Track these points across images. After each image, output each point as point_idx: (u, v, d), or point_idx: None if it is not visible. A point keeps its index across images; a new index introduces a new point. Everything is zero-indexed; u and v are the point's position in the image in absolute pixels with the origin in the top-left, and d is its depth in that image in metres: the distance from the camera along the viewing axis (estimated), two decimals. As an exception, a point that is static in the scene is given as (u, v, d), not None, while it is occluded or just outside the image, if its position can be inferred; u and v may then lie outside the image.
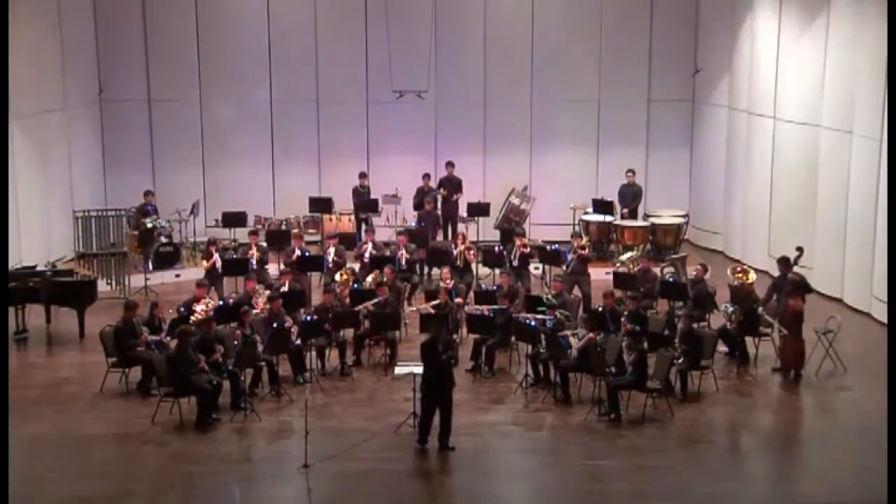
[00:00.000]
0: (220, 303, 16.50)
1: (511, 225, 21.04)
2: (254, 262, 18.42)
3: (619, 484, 12.78)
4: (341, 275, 17.65)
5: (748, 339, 16.24)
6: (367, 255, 18.66)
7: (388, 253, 18.90)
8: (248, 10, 22.73)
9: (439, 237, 21.35)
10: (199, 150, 23.06)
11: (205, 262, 18.30)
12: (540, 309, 15.98)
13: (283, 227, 20.78)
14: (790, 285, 15.96)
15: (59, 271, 18.02)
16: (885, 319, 17.25)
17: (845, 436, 14.01)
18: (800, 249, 16.62)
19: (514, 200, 21.50)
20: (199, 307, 15.74)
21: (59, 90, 21.07)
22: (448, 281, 17.08)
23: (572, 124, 22.92)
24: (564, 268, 18.42)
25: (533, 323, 15.45)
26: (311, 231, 21.56)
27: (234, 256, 19.20)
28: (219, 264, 18.21)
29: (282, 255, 19.17)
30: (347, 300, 16.63)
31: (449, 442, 13.23)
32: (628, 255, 19.80)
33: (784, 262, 16.34)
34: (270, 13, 22.66)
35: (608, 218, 21.14)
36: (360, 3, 22.59)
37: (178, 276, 20.17)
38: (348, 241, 19.74)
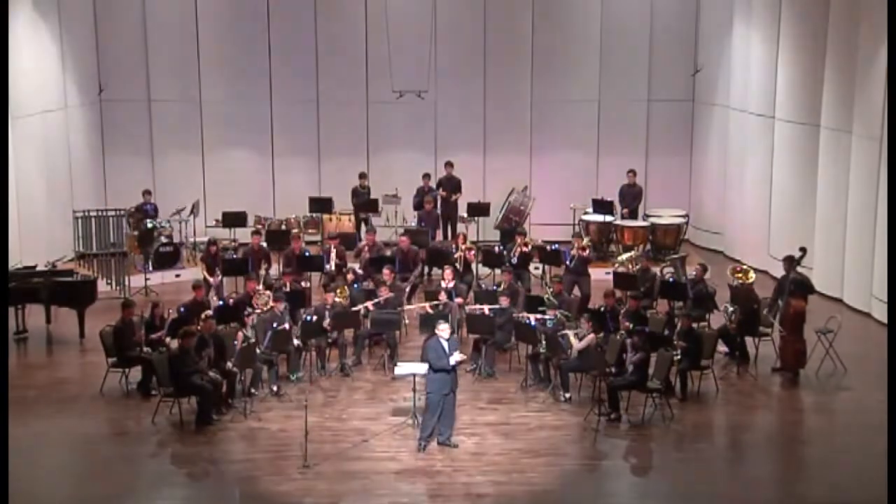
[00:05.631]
0: (220, 303, 16.52)
1: (511, 225, 21.06)
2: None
3: (619, 484, 12.79)
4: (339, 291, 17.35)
5: (748, 339, 16.25)
6: (366, 256, 18.65)
7: (388, 253, 18.92)
8: (248, 10, 22.72)
9: (438, 237, 21.37)
10: (199, 151, 23.07)
11: (209, 275, 18.21)
12: (540, 309, 15.99)
13: (283, 227, 20.80)
14: (793, 285, 15.96)
15: (59, 271, 18.02)
16: (885, 319, 17.26)
17: (845, 436, 14.02)
18: (803, 250, 16.61)
19: (514, 200, 21.51)
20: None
21: (59, 90, 21.08)
22: (450, 281, 17.09)
23: (572, 124, 22.93)
24: (565, 268, 18.43)
25: (533, 323, 15.46)
26: (311, 231, 21.58)
27: (235, 256, 19.20)
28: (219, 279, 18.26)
29: (282, 255, 19.17)
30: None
31: (450, 439, 13.31)
32: (628, 255, 19.80)
33: (789, 261, 16.33)
34: (270, 13, 22.67)
35: (608, 218, 21.14)
36: (360, 3, 22.60)
37: (178, 276, 20.17)
38: (348, 241, 19.77)
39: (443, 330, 13.30)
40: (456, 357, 13.22)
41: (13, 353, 16.64)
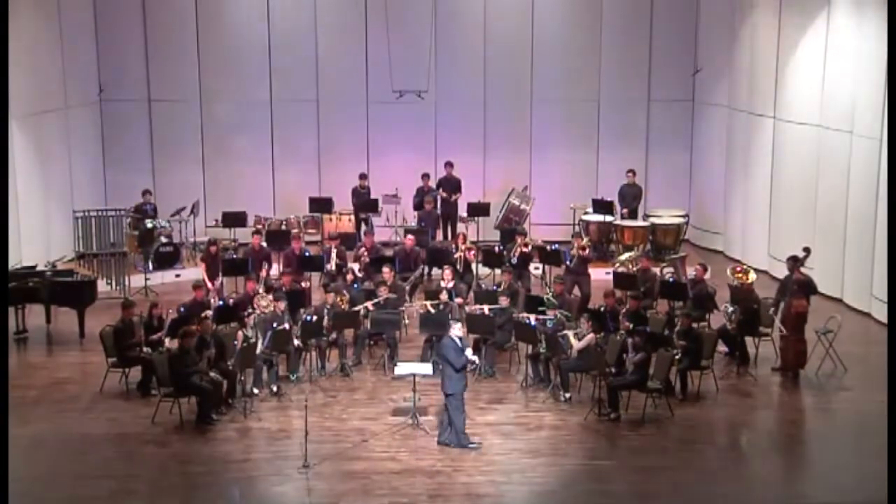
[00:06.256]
0: (220, 303, 16.52)
1: (511, 225, 21.06)
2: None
3: (619, 484, 12.78)
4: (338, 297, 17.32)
5: (748, 339, 16.25)
6: (364, 260, 18.63)
7: (390, 253, 18.92)
8: (248, 10, 22.74)
9: (439, 237, 21.38)
10: (199, 150, 23.07)
11: (208, 280, 18.17)
12: (540, 309, 15.99)
13: (283, 227, 20.80)
14: (795, 285, 15.96)
15: (59, 271, 18.02)
16: (885, 319, 17.26)
17: (845, 436, 14.03)
18: (807, 250, 16.60)
19: (514, 200, 21.51)
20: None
21: (59, 90, 21.07)
22: (450, 281, 17.09)
23: (572, 124, 22.94)
24: (565, 268, 18.43)
25: (533, 323, 15.46)
26: (311, 231, 21.59)
27: (235, 256, 19.20)
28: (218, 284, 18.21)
29: (282, 255, 19.17)
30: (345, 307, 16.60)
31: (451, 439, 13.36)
32: (628, 255, 19.80)
33: (793, 261, 16.33)
34: (270, 13, 22.67)
35: (608, 218, 21.14)
36: (360, 3, 22.60)
37: (178, 276, 20.18)
38: (348, 242, 19.77)
39: (458, 329, 13.47)
40: (470, 351, 13.49)
41: (13, 353, 16.63)
